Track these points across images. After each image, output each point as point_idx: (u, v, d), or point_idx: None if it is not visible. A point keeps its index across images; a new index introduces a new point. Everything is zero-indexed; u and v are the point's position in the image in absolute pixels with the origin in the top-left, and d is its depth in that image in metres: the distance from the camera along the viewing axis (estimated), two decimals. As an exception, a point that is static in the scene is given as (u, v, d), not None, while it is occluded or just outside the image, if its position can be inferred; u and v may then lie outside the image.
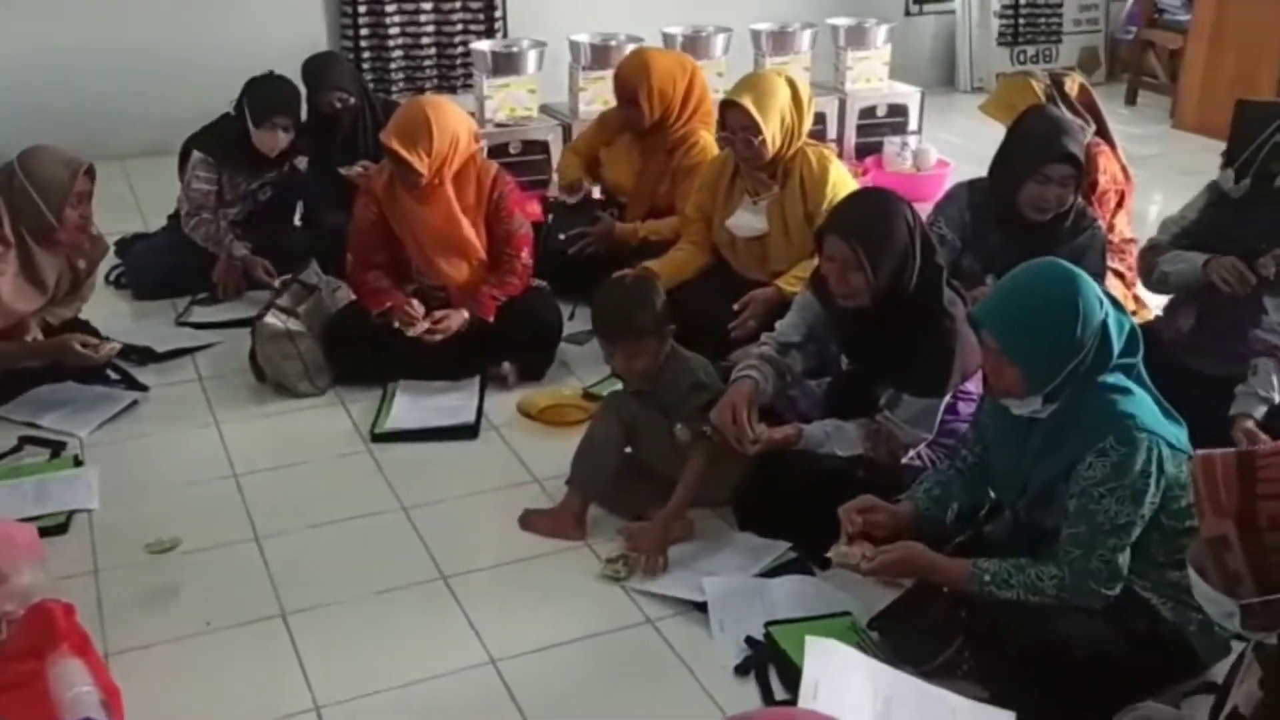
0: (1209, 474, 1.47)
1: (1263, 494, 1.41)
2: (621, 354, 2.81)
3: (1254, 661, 1.50)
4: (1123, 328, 2.21)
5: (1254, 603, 1.43)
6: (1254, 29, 6.26)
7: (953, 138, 5.95)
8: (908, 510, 2.47)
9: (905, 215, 2.67)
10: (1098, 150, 3.73)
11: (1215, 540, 1.44)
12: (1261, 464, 1.44)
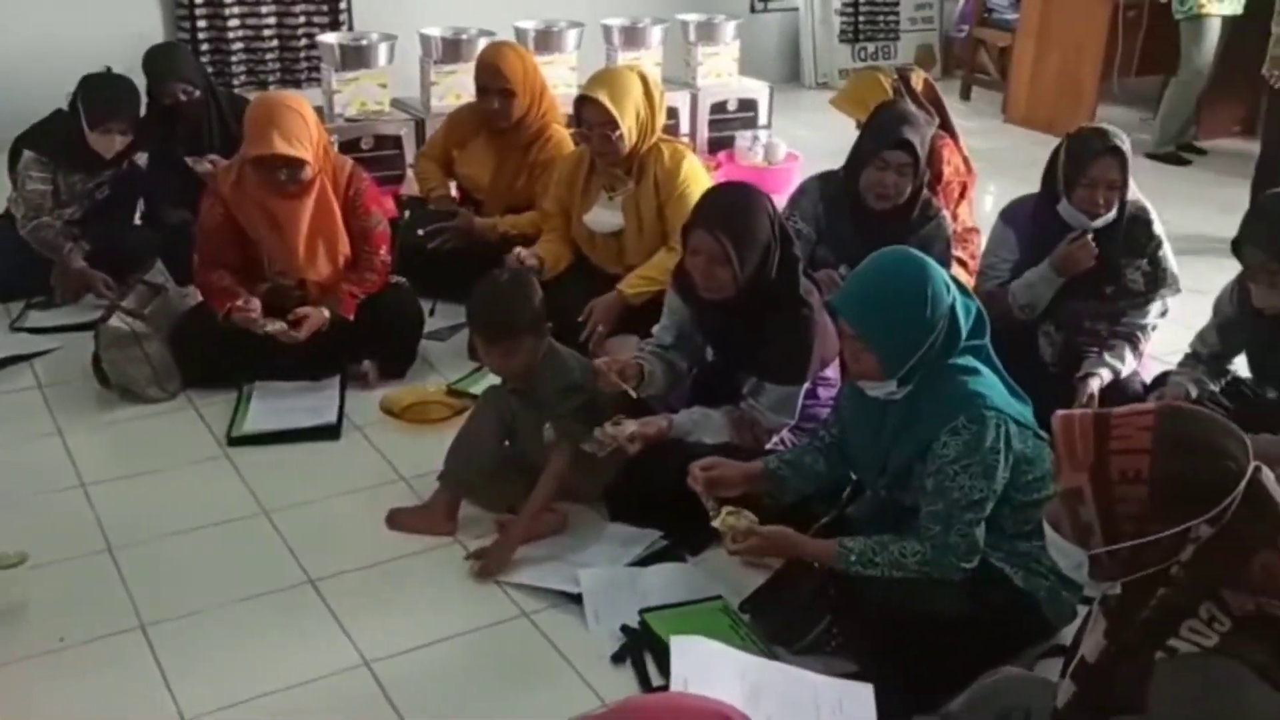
0: (1067, 431, 1.56)
1: (1114, 449, 1.50)
2: (499, 353, 2.80)
3: (1100, 615, 1.60)
4: (969, 311, 2.32)
5: (1101, 553, 1.52)
6: (1077, 28, 6.60)
7: (801, 131, 6.10)
8: (756, 467, 2.54)
9: (767, 208, 2.74)
10: (942, 143, 3.88)
11: (1071, 493, 1.53)
12: (1115, 422, 1.54)
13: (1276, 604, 1.45)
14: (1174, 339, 3.28)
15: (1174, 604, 1.48)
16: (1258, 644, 1.44)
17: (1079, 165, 3.05)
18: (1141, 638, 1.50)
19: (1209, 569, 1.46)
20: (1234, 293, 2.94)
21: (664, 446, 2.75)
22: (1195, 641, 1.45)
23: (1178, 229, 3.30)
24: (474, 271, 3.66)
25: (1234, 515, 1.45)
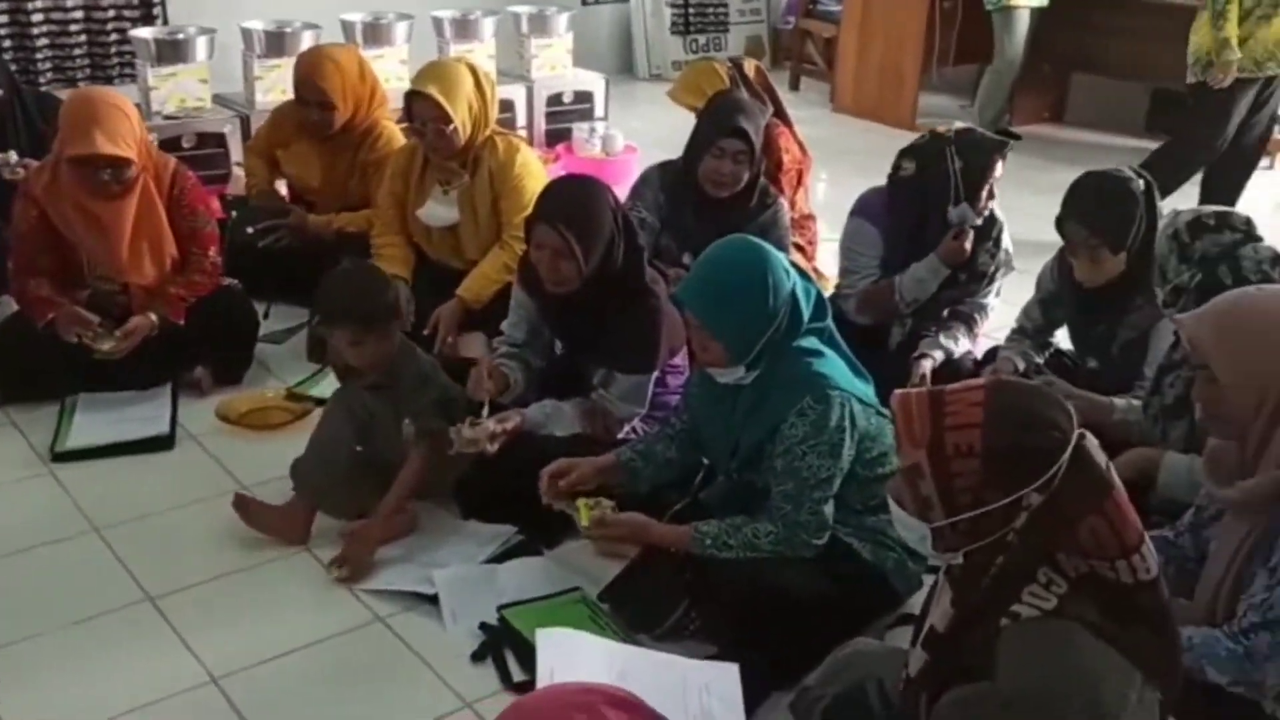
0: (905, 410, 1.61)
1: (950, 425, 1.55)
2: (353, 343, 2.73)
3: (946, 585, 1.66)
4: (810, 295, 2.38)
5: (943, 525, 1.58)
6: (897, 19, 6.82)
7: (637, 123, 6.14)
8: (609, 460, 2.55)
9: (608, 200, 2.74)
10: (778, 131, 3.96)
11: (910, 469, 1.58)
12: (949, 399, 1.59)
13: (1105, 565, 1.53)
14: (1000, 316, 3.43)
15: (1013, 570, 1.54)
16: (1092, 603, 1.51)
17: (979, 172, 3.15)
18: (986, 604, 1.55)
19: (1041, 535, 1.53)
20: (1054, 269, 3.09)
21: (514, 441, 2.72)
22: (1036, 605, 1.51)
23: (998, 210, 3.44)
24: (309, 272, 3.55)
25: (1061, 482, 1.52)
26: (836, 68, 7.30)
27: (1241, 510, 1.92)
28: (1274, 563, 1.82)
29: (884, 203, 3.31)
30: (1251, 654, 1.80)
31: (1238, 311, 1.93)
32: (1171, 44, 6.13)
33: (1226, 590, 1.91)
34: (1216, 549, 1.97)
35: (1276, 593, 1.80)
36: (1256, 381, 1.86)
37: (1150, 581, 1.54)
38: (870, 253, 3.31)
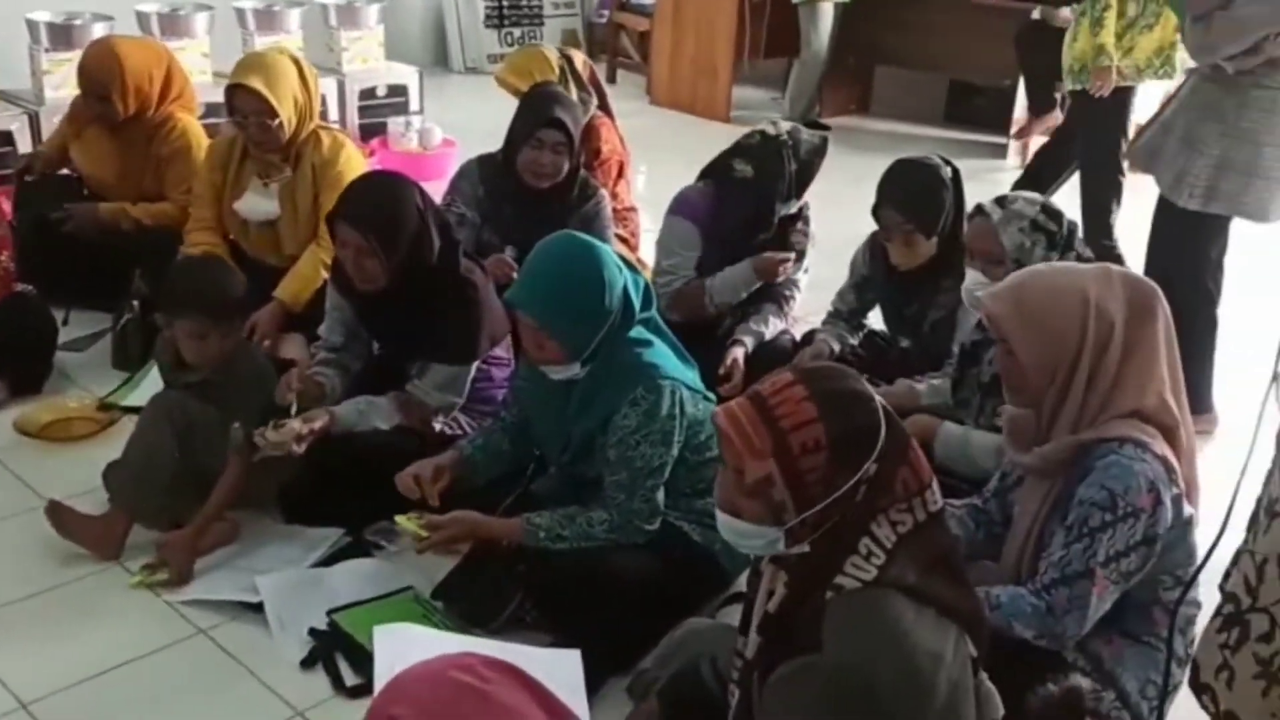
0: (736, 424, 1.60)
1: (789, 427, 1.57)
2: (196, 336, 2.62)
3: (776, 570, 1.68)
4: (639, 287, 2.41)
5: (795, 524, 1.59)
6: (708, 13, 6.94)
7: (455, 116, 6.06)
8: (453, 457, 2.53)
9: (412, 196, 2.70)
10: (600, 122, 3.98)
11: (761, 482, 1.58)
12: (774, 401, 1.59)
13: (904, 507, 1.58)
14: (817, 300, 3.53)
15: (837, 542, 1.59)
16: (910, 566, 1.57)
17: (811, 171, 3.23)
18: (813, 580, 1.60)
19: (873, 500, 1.58)
20: (866, 253, 3.22)
21: (334, 443, 2.66)
22: (857, 576, 1.56)
23: (810, 198, 3.54)
24: (108, 276, 3.40)
25: (886, 444, 1.58)
26: (651, 61, 7.39)
27: (1039, 474, 2.04)
28: (1070, 521, 1.94)
29: (705, 202, 3.36)
30: (1052, 608, 1.91)
31: (1031, 288, 2.04)
32: (968, 38, 6.48)
33: (1029, 550, 2.03)
34: (1019, 512, 2.09)
35: (1073, 549, 1.91)
36: (1049, 353, 1.98)
37: (938, 512, 1.61)
38: (687, 252, 3.35)
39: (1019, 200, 2.61)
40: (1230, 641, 1.50)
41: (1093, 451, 1.96)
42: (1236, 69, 3.08)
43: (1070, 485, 1.98)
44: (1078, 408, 1.99)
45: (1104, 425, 1.98)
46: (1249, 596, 1.48)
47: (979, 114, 6.88)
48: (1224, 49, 3.04)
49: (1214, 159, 3.15)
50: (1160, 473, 1.93)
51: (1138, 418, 1.98)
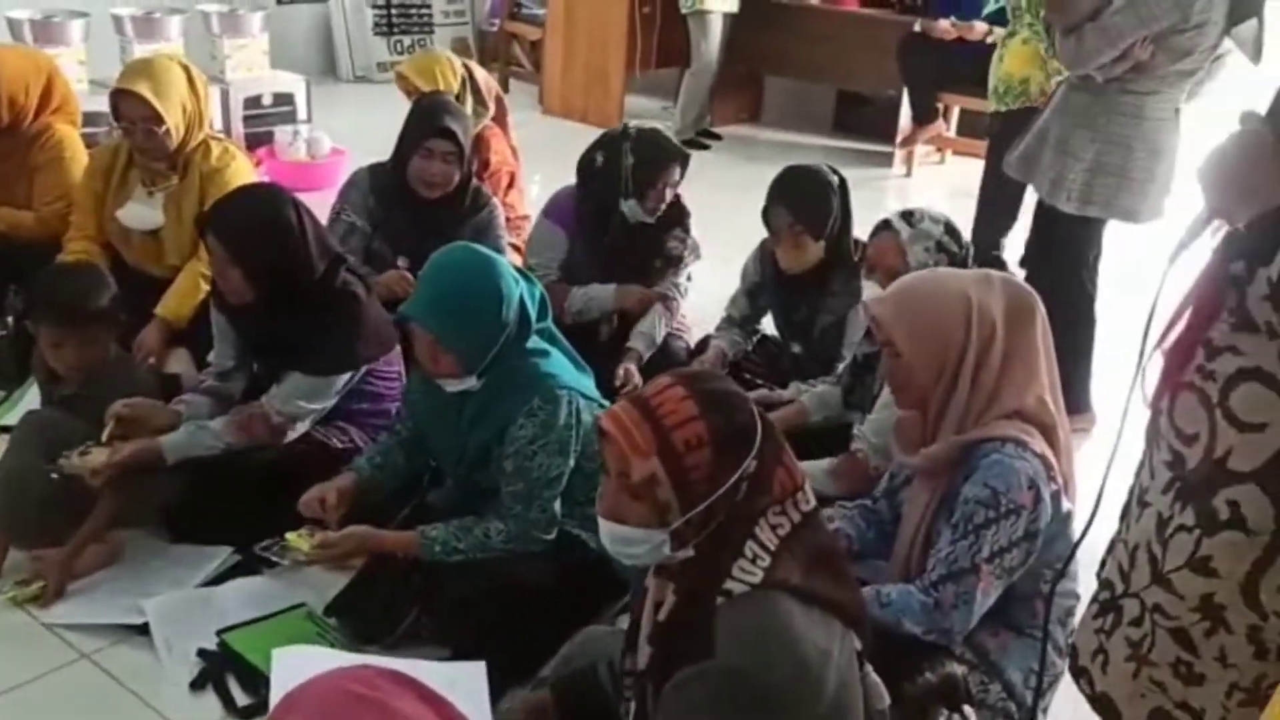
0: (621, 427, 1.61)
1: (672, 425, 1.59)
2: (54, 344, 2.54)
3: (662, 580, 1.68)
4: (535, 297, 2.40)
5: (680, 525, 1.60)
6: (599, 23, 6.97)
7: (344, 125, 5.98)
8: (350, 481, 2.50)
9: (286, 210, 2.64)
10: (490, 133, 3.97)
11: (646, 481, 1.59)
12: (655, 401, 1.62)
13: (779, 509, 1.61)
14: (712, 307, 3.57)
15: (722, 546, 1.60)
16: (795, 566, 1.60)
17: (650, 171, 3.23)
18: (702, 586, 1.61)
19: (753, 499, 1.60)
20: (757, 259, 3.26)
21: (215, 463, 2.61)
22: (745, 580, 1.58)
23: (704, 206, 3.58)
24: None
25: (763, 443, 1.61)
26: (543, 70, 7.38)
27: (926, 474, 2.10)
28: (955, 520, 1.99)
29: (569, 202, 3.39)
30: (940, 604, 1.96)
31: (916, 292, 2.11)
32: (854, 49, 6.62)
33: (918, 548, 2.08)
34: (908, 511, 2.15)
35: (959, 546, 1.97)
36: (933, 354, 2.04)
37: (812, 512, 1.65)
38: (551, 252, 3.38)
39: (925, 219, 2.67)
40: (1105, 626, 1.56)
41: (976, 451, 2.01)
42: (1105, 77, 3.21)
43: (955, 484, 2.03)
44: (962, 409, 2.05)
45: (986, 425, 2.03)
46: (1122, 583, 1.54)
47: (866, 123, 7.03)
48: (1097, 59, 3.17)
49: (1088, 164, 3.27)
50: (1040, 470, 2.00)
51: (1019, 418, 2.04)
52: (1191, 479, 1.44)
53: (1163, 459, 1.48)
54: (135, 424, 2.61)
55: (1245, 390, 1.38)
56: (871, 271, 2.69)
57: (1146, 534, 1.50)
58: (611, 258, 3.36)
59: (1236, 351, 1.38)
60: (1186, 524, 1.44)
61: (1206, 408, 1.41)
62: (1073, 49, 3.20)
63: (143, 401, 2.67)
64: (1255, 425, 1.37)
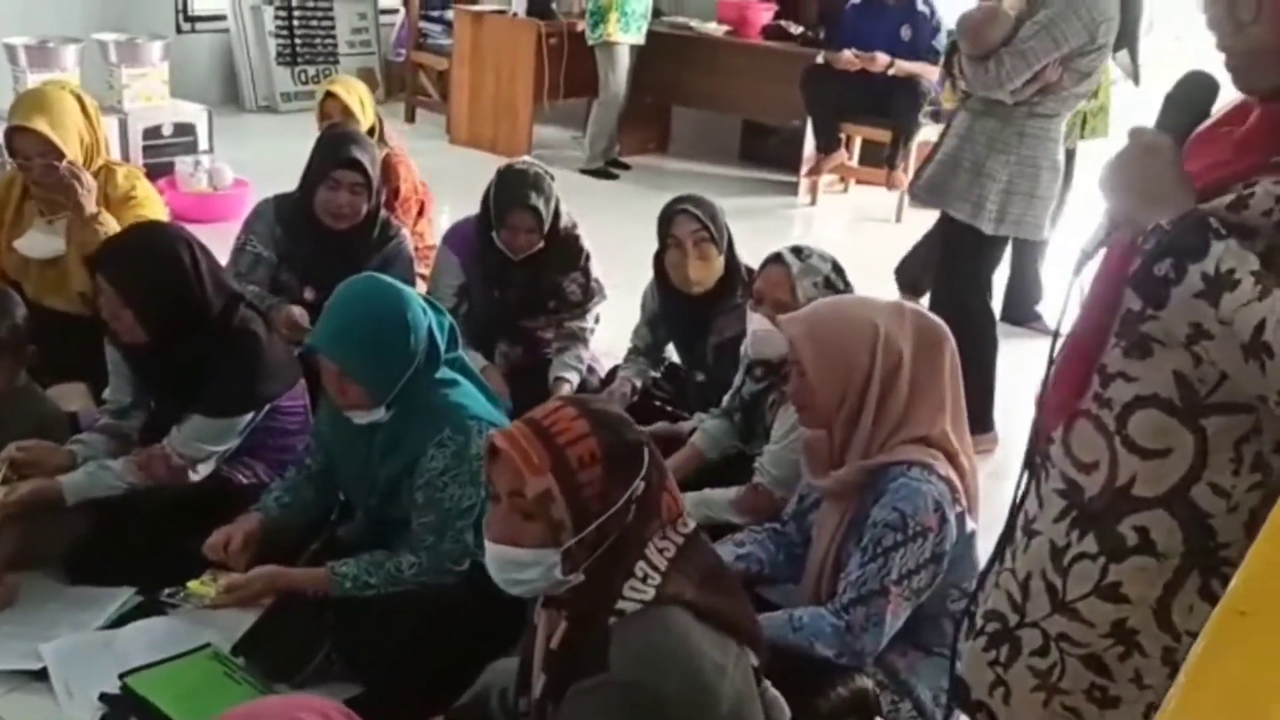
0: (515, 443, 1.62)
1: (565, 442, 1.60)
2: None
3: (554, 613, 1.68)
4: (444, 328, 2.40)
5: (573, 545, 1.61)
6: (506, 54, 7.00)
7: (247, 156, 5.90)
8: (255, 522, 2.46)
9: (179, 249, 2.59)
10: (398, 161, 3.96)
11: (540, 497, 1.60)
12: (548, 421, 1.63)
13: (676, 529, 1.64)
14: (622, 335, 3.58)
15: (615, 568, 1.61)
16: (687, 582, 1.62)
17: (502, 210, 3.24)
18: (595, 610, 1.61)
19: (642, 520, 1.62)
20: (654, 289, 3.29)
21: (117, 503, 2.55)
22: (638, 599, 1.59)
23: (613, 235, 3.61)
24: None
25: (651, 466, 1.63)
26: (450, 100, 7.38)
27: (835, 497, 2.14)
28: (865, 543, 2.04)
29: (469, 230, 3.39)
30: (851, 626, 2.00)
31: (827, 317, 2.16)
32: (759, 81, 6.74)
33: (828, 570, 2.12)
34: (817, 534, 2.18)
35: (869, 569, 2.01)
36: (838, 376, 2.09)
37: (694, 532, 1.68)
38: (448, 279, 3.39)
39: (814, 255, 2.69)
40: (1001, 659, 1.56)
41: (883, 475, 2.06)
42: (1015, 100, 3.32)
43: (864, 507, 2.07)
44: (868, 434, 2.09)
45: (893, 450, 2.08)
46: (1015, 613, 1.54)
47: (772, 153, 7.15)
48: (1014, 81, 3.28)
49: (1003, 185, 3.39)
50: (945, 493, 2.04)
51: (924, 443, 2.09)
52: (1093, 507, 1.45)
53: (1054, 487, 1.49)
54: (31, 465, 2.55)
55: (1142, 417, 1.40)
56: (759, 303, 2.69)
57: (1039, 563, 1.50)
58: (502, 292, 3.36)
59: (1128, 378, 1.41)
60: (1089, 552, 1.45)
61: (1105, 435, 1.43)
62: (991, 73, 3.30)
63: (37, 443, 2.60)
64: (1158, 451, 1.39)
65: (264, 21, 7.52)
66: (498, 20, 7.09)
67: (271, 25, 7.52)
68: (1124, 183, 1.36)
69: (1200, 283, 1.27)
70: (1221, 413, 1.36)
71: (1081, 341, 1.47)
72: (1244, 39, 1.35)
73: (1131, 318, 1.40)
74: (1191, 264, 1.28)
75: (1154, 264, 1.32)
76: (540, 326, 3.44)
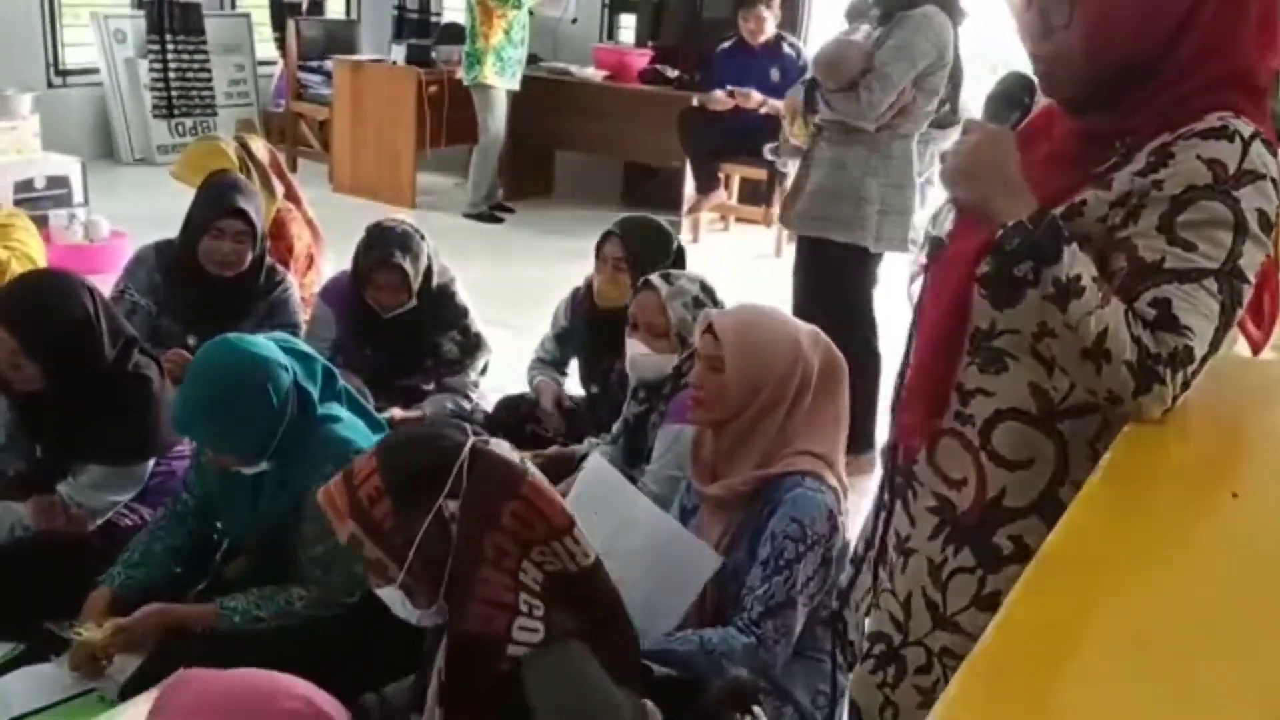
0: (327, 495, 1.68)
1: (357, 483, 1.65)
2: None
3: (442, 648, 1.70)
4: (315, 375, 2.41)
5: (406, 580, 1.63)
6: (387, 101, 7.04)
7: (124, 208, 5.83)
8: (104, 598, 2.42)
9: (79, 296, 2.60)
10: (289, 218, 3.93)
11: (351, 542, 1.65)
12: (354, 467, 1.68)
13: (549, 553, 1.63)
14: (509, 377, 3.63)
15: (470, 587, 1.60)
16: (569, 611, 1.62)
17: (369, 265, 3.27)
18: (484, 648, 1.59)
19: (472, 533, 1.61)
20: (569, 305, 3.38)
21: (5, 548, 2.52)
22: (528, 641, 1.58)
23: (499, 279, 3.66)
24: None
25: (469, 482, 1.63)
26: (332, 149, 7.38)
27: (720, 506, 2.18)
28: (764, 556, 2.06)
29: (343, 285, 3.42)
30: (763, 640, 2.03)
31: (757, 320, 2.22)
32: (638, 123, 6.90)
33: (713, 581, 2.15)
34: (699, 543, 2.24)
35: (774, 581, 2.04)
36: (754, 377, 2.14)
37: (593, 565, 1.67)
38: (322, 333, 3.39)
39: (682, 278, 2.79)
40: (888, 679, 1.57)
41: (778, 485, 2.10)
42: (878, 124, 3.47)
43: (753, 518, 2.11)
44: (769, 442, 2.14)
45: (786, 460, 2.13)
46: (899, 633, 1.55)
47: (654, 193, 7.28)
48: (882, 106, 3.43)
49: (879, 206, 3.54)
50: (834, 501, 2.11)
51: (813, 456, 2.15)
52: (966, 521, 1.46)
53: (926, 505, 1.51)
54: None
55: (1004, 430, 1.42)
56: (635, 329, 2.77)
57: (918, 581, 1.52)
58: (374, 350, 3.38)
59: (986, 393, 1.43)
60: (966, 565, 1.47)
61: (970, 451, 1.45)
62: (863, 100, 3.43)
63: None
64: (1022, 462, 1.42)
65: (139, 74, 7.45)
66: (377, 69, 7.14)
67: (146, 78, 7.44)
68: (973, 173, 1.35)
69: (1051, 287, 1.29)
70: (1074, 415, 1.39)
71: (930, 360, 1.47)
72: (1053, 44, 1.38)
73: (981, 335, 1.43)
74: (1047, 268, 1.29)
75: (1014, 265, 1.31)
76: (419, 384, 3.45)
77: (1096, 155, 1.39)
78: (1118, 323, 1.28)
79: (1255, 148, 1.31)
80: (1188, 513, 1.15)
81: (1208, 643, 0.92)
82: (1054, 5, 1.37)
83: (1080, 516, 1.12)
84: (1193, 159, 1.30)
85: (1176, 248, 1.29)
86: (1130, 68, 1.36)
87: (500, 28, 6.48)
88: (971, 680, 0.87)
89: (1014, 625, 0.94)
